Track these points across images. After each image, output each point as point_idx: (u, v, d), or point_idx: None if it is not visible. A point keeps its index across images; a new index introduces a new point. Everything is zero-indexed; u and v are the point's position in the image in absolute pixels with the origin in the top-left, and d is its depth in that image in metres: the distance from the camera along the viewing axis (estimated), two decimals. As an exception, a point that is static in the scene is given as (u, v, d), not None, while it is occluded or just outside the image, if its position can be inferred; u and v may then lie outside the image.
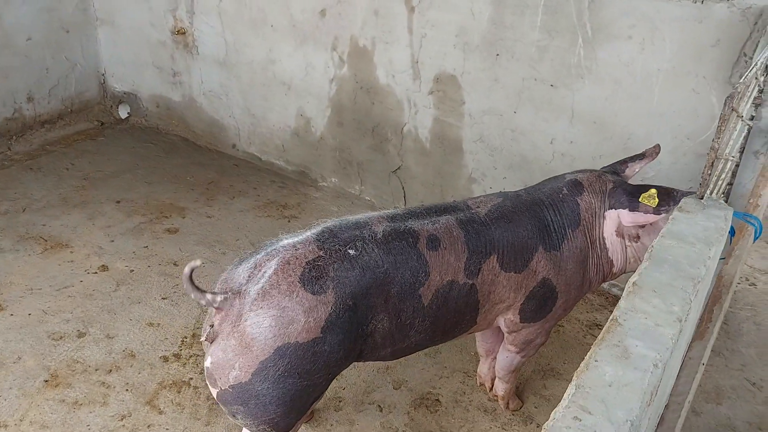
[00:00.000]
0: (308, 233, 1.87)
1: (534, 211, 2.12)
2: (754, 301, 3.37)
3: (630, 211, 2.06)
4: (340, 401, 2.58)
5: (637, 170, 2.26)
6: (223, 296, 1.72)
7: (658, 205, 2.00)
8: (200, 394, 2.56)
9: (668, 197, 2.00)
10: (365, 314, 1.82)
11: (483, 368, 2.65)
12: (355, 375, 2.71)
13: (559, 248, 2.11)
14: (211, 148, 4.64)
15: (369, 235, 1.87)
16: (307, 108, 4.00)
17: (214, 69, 4.32)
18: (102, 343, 2.77)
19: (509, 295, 2.09)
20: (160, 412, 2.47)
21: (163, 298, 3.07)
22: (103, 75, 4.88)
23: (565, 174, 2.27)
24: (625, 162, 2.28)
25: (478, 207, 2.11)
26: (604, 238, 2.16)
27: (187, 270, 1.69)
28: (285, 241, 1.84)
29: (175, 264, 3.31)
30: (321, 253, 1.78)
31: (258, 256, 1.80)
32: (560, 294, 2.16)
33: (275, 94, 4.10)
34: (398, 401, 2.61)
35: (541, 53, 2.98)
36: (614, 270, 2.23)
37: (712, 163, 1.80)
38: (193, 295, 1.71)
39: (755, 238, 2.16)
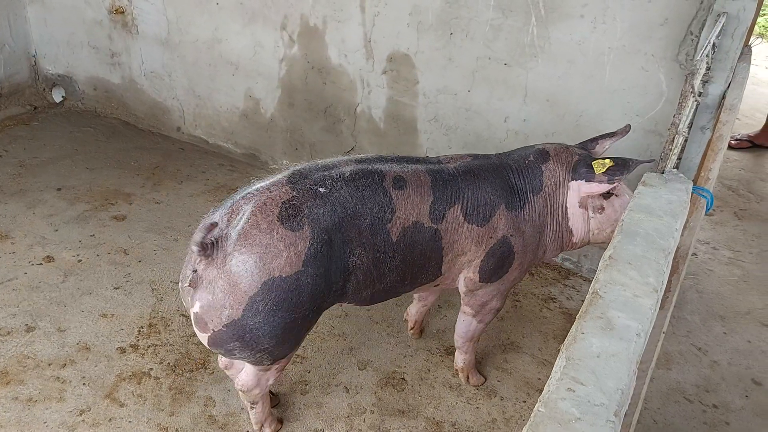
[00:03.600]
0: (279, 176, 1.96)
1: (500, 171, 2.22)
2: (696, 270, 3.54)
3: (586, 181, 2.17)
4: (306, 384, 2.57)
5: (607, 147, 2.34)
6: (206, 240, 1.77)
7: (607, 172, 2.11)
8: (161, 384, 2.49)
9: (621, 165, 2.10)
10: (342, 248, 1.92)
11: (412, 309, 2.80)
12: (320, 357, 2.70)
13: (520, 210, 2.21)
14: (154, 131, 4.49)
15: (337, 175, 1.97)
16: (255, 89, 3.91)
17: (156, 49, 4.15)
18: (53, 336, 2.66)
19: (471, 247, 2.19)
20: (121, 405, 2.39)
21: (115, 288, 2.96)
22: (34, 56, 4.62)
23: (536, 144, 2.35)
24: (595, 139, 2.36)
25: (449, 162, 2.23)
26: (566, 208, 2.25)
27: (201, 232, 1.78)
28: (257, 185, 1.93)
29: (125, 252, 3.19)
30: (294, 193, 1.88)
31: (233, 201, 1.88)
32: (516, 255, 2.25)
33: (222, 75, 3.99)
34: (364, 382, 2.61)
35: (495, 32, 3.00)
36: (574, 240, 2.32)
37: (673, 138, 1.87)
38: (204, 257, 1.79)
39: (706, 211, 2.25)
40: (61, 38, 4.49)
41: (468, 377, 2.64)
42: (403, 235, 2.03)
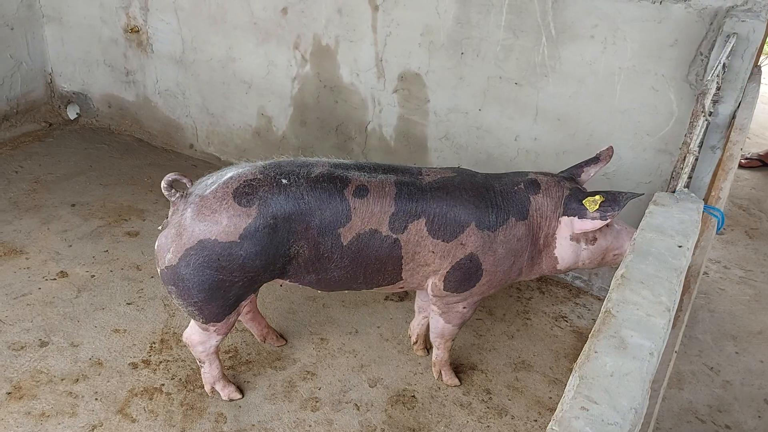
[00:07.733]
0: (261, 162, 2.19)
1: (480, 191, 2.25)
2: (707, 289, 3.53)
3: (579, 218, 2.20)
4: (316, 401, 2.57)
5: (592, 174, 2.37)
6: (177, 194, 2.09)
7: (600, 209, 2.14)
8: (173, 400, 2.50)
9: (613, 201, 2.13)
10: (286, 236, 2.10)
11: (413, 323, 2.84)
12: (330, 374, 2.70)
13: (495, 230, 2.23)
14: (168, 148, 4.54)
15: (304, 173, 2.14)
16: (268, 107, 3.96)
17: (170, 67, 4.22)
18: (66, 351, 2.68)
19: (435, 260, 2.25)
20: (133, 421, 2.40)
21: (128, 304, 2.98)
22: (50, 74, 4.70)
23: (529, 171, 2.37)
24: (581, 166, 2.39)
25: (428, 175, 2.27)
26: (555, 239, 2.28)
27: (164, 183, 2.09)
28: (241, 166, 2.17)
29: (138, 268, 3.22)
30: (259, 176, 2.10)
31: (218, 173, 2.15)
32: (485, 272, 2.29)
33: (235, 93, 4.04)
34: (375, 399, 2.61)
35: (506, 52, 3.04)
36: (558, 267, 2.35)
37: (684, 157, 1.88)
38: (166, 194, 2.10)
39: (717, 230, 2.25)
40: (77, 56, 4.56)
41: (441, 374, 2.70)
42: (356, 240, 2.15)
